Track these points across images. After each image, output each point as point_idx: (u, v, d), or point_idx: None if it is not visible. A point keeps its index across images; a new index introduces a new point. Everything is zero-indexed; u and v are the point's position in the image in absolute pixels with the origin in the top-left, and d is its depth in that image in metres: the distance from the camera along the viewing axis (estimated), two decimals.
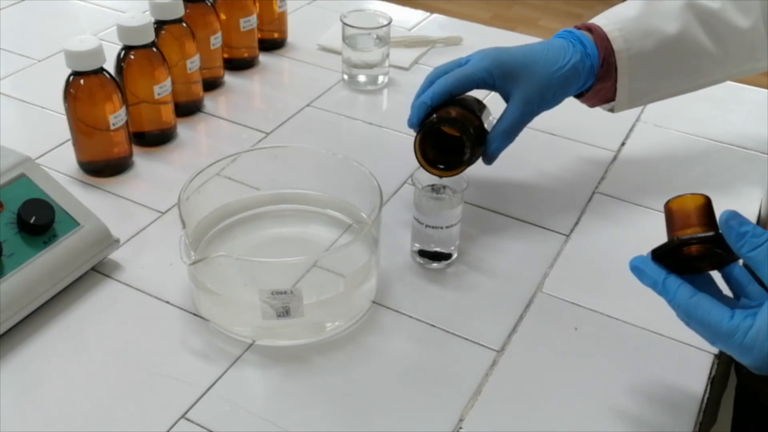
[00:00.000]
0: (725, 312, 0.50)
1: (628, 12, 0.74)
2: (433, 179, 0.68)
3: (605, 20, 0.74)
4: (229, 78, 0.97)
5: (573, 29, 0.75)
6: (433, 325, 0.64)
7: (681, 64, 0.76)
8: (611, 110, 0.78)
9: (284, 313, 0.60)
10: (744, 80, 0.86)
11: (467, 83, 0.70)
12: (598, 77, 0.74)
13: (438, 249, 0.69)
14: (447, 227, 0.68)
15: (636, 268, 0.54)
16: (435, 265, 0.70)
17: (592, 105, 0.78)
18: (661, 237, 0.75)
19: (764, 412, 0.76)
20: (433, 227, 0.67)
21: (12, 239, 0.62)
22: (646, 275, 0.53)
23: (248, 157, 0.74)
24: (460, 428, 0.57)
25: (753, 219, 0.77)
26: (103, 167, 0.79)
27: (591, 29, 0.74)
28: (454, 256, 0.70)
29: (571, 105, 0.95)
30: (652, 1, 0.75)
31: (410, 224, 0.69)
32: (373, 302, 0.66)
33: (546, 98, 0.72)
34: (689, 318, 0.52)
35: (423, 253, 0.70)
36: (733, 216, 0.49)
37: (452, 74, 0.70)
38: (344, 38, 0.95)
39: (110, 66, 0.77)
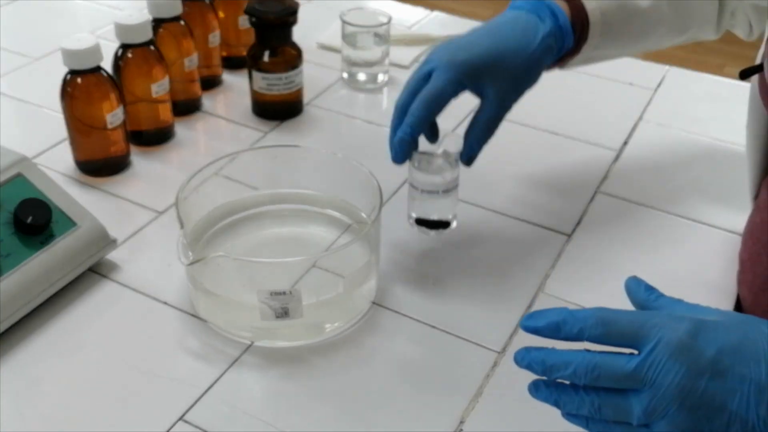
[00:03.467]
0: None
1: None
2: (427, 145, 0.67)
3: None
4: (227, 76, 0.97)
5: None
6: (433, 326, 0.64)
7: (641, 37, 0.74)
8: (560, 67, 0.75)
9: (283, 313, 0.60)
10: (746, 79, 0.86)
11: (441, 103, 0.64)
12: (568, 51, 0.70)
13: (436, 217, 0.67)
14: (444, 192, 0.66)
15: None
16: (433, 233, 0.68)
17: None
18: (662, 237, 0.74)
19: None
20: (429, 192, 0.65)
21: (8, 239, 0.62)
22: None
23: (247, 156, 0.73)
24: (461, 430, 0.56)
25: None
26: (100, 166, 0.79)
27: None
28: (453, 224, 0.68)
29: (573, 104, 0.95)
30: None
31: (410, 224, 0.69)
32: (373, 303, 0.66)
33: (521, 88, 0.67)
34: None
35: (420, 222, 0.68)
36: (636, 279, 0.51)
37: (422, 98, 0.64)
38: (344, 36, 0.94)
39: (108, 64, 0.77)
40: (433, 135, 0.68)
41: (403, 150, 0.64)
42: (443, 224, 0.68)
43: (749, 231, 0.68)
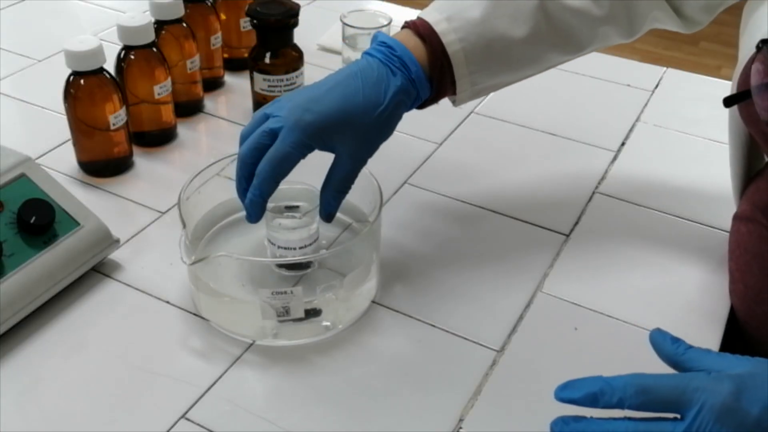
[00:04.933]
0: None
1: (471, 13, 0.64)
2: (279, 198, 0.66)
3: (446, 25, 0.64)
4: (229, 78, 0.97)
5: (395, 44, 0.64)
6: (432, 325, 0.64)
7: (527, 63, 0.68)
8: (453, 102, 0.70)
9: (284, 312, 0.60)
10: None
11: (288, 166, 0.61)
12: (430, 96, 0.65)
13: (294, 262, 0.67)
14: (301, 248, 0.66)
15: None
16: (294, 272, 0.67)
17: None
18: (660, 237, 0.75)
19: None
20: (285, 248, 0.66)
21: (12, 239, 0.62)
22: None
23: None
24: (460, 428, 0.57)
25: None
26: (103, 167, 0.79)
27: (424, 37, 0.64)
28: (315, 266, 0.68)
29: (571, 105, 0.95)
30: (500, 1, 0.65)
31: (410, 224, 0.69)
32: (373, 302, 0.66)
33: (374, 143, 0.63)
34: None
35: (281, 266, 0.67)
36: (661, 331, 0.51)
37: (269, 161, 0.60)
38: (344, 38, 0.95)
39: (110, 66, 0.78)
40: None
41: (256, 212, 0.62)
42: (304, 266, 0.67)
43: (735, 241, 0.69)
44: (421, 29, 0.64)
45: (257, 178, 0.61)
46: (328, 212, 0.63)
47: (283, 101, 0.62)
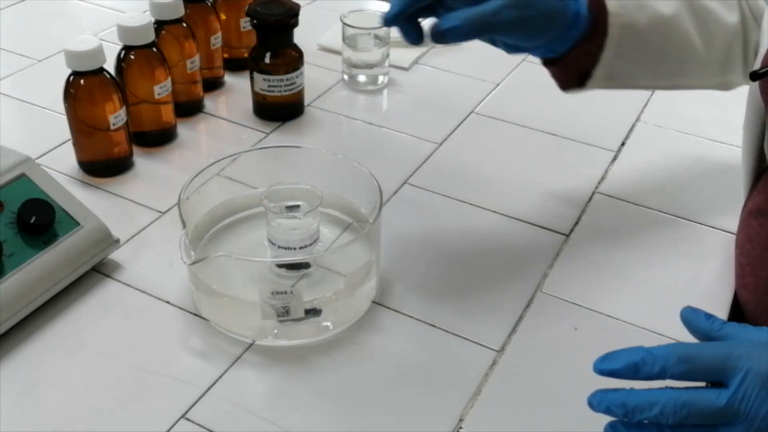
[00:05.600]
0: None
1: None
2: (279, 198, 0.66)
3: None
4: (229, 78, 0.97)
5: None
6: (433, 325, 0.64)
7: (667, 51, 0.69)
8: (580, 86, 0.70)
9: (284, 313, 0.60)
10: None
11: None
12: (581, 37, 0.64)
13: (295, 262, 0.67)
14: (301, 248, 0.66)
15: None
16: (293, 272, 0.67)
17: (562, 78, 0.70)
18: (660, 237, 0.75)
19: None
20: (285, 248, 0.66)
21: (12, 239, 0.62)
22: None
23: (248, 157, 0.74)
24: (460, 428, 0.57)
25: None
26: (103, 167, 0.79)
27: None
28: (315, 265, 0.68)
29: (571, 105, 0.95)
30: None
31: (410, 224, 0.69)
32: (373, 302, 0.66)
33: (525, 19, 0.60)
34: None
35: (281, 266, 0.67)
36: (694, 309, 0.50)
37: None
38: (344, 38, 0.95)
39: (110, 66, 0.78)
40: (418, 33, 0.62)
41: (457, 34, 0.57)
42: (304, 266, 0.67)
43: (746, 236, 0.69)
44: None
45: None
46: (444, 29, 0.58)
47: None
